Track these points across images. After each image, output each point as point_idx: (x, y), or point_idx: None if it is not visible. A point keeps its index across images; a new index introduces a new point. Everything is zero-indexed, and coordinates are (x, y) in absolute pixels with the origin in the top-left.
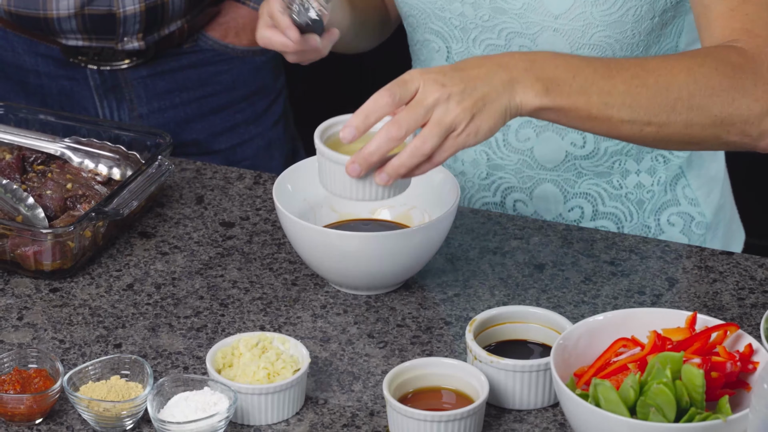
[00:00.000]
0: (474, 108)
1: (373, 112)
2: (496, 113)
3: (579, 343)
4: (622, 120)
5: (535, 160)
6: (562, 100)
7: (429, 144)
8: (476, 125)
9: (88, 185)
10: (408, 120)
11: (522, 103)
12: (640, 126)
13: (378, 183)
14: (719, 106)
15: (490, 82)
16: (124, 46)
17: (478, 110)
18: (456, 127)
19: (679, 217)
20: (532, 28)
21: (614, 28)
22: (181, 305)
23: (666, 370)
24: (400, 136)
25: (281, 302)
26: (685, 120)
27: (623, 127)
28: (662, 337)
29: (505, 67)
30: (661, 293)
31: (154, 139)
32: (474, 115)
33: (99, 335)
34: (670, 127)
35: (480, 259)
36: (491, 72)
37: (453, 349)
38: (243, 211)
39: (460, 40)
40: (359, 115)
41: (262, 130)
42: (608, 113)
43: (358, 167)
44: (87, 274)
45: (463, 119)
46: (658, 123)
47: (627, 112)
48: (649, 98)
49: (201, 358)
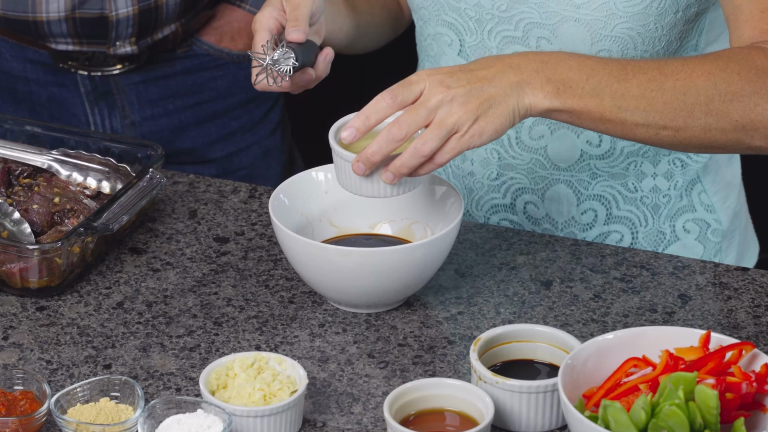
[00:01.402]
0: (478, 110)
1: (374, 114)
2: (502, 115)
3: (588, 363)
4: (636, 123)
5: (548, 160)
6: (574, 102)
7: (429, 145)
8: (480, 127)
9: (76, 199)
10: (409, 121)
11: (531, 105)
12: (655, 130)
13: (384, 181)
14: (740, 112)
15: (499, 83)
16: (117, 51)
17: (482, 112)
18: (459, 129)
19: (694, 223)
20: (552, 18)
21: (637, 20)
22: (173, 324)
23: (679, 391)
24: (401, 136)
25: (278, 321)
26: (703, 125)
27: (638, 130)
28: (675, 357)
29: (516, 68)
30: (673, 311)
31: (145, 151)
32: (478, 116)
33: (88, 355)
34: (687, 131)
35: (485, 275)
36: (500, 73)
37: (457, 370)
38: (238, 226)
39: (474, 33)
40: (360, 116)
41: (258, 138)
42: (621, 116)
43: (363, 166)
44: (75, 292)
45: (467, 121)
46: (674, 127)
47: (641, 115)
48: (665, 102)
49: (194, 379)
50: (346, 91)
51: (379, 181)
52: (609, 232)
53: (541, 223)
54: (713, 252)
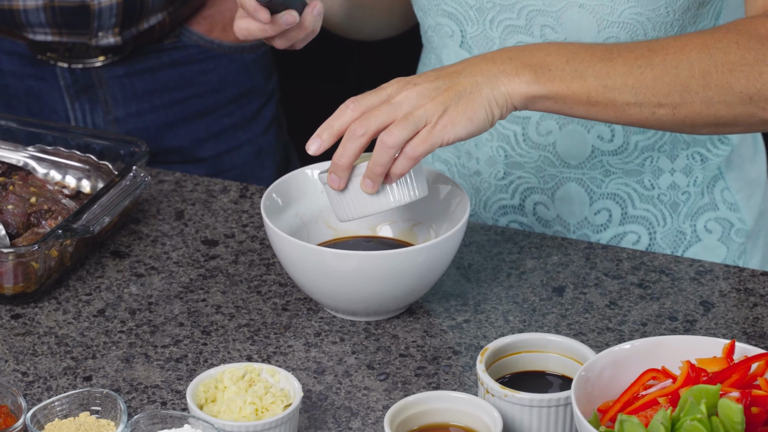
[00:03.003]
0: (447, 101)
1: (336, 119)
2: (474, 103)
3: (603, 374)
4: (628, 103)
5: (557, 157)
6: (554, 85)
7: (394, 135)
8: (451, 117)
9: (54, 199)
10: (371, 117)
11: (509, 93)
12: (650, 108)
13: (364, 190)
14: (743, 82)
15: (469, 74)
16: (99, 42)
17: (452, 102)
18: (428, 121)
19: (717, 223)
20: (557, 4)
21: (646, 5)
22: (158, 333)
23: (701, 404)
24: (361, 132)
25: (270, 329)
26: (704, 99)
27: (631, 111)
28: (696, 368)
29: (490, 60)
30: (695, 319)
31: (128, 148)
32: (447, 107)
33: (66, 367)
34: (686, 107)
35: (492, 280)
36: (473, 65)
37: (462, 382)
38: (228, 228)
39: (475, 22)
40: (324, 125)
41: (251, 136)
42: (610, 96)
43: (336, 177)
44: (53, 299)
45: (435, 112)
46: (670, 104)
47: (631, 94)
48: (654, 78)
49: (181, 392)
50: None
51: (370, 197)
52: (625, 233)
53: (552, 225)
54: (737, 254)
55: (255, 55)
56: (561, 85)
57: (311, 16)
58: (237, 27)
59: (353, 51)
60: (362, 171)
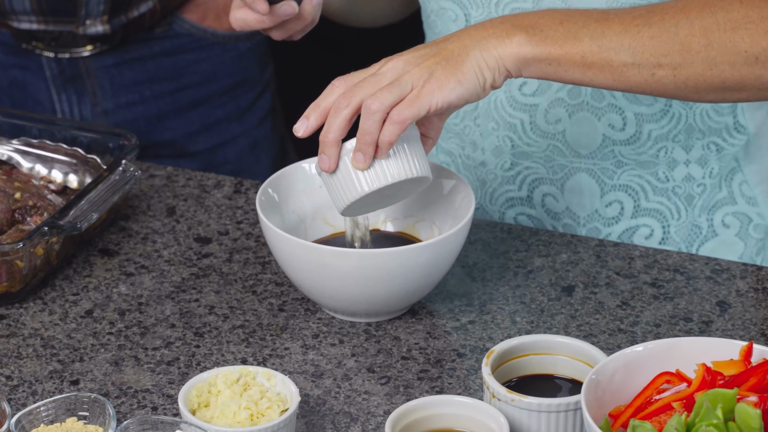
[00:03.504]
0: (433, 65)
1: (323, 99)
2: (462, 67)
3: (614, 378)
4: (625, 63)
5: (567, 146)
6: (547, 46)
7: (379, 100)
8: (438, 81)
9: (39, 195)
10: (356, 89)
11: (501, 56)
12: (649, 70)
13: (355, 166)
14: (748, 41)
15: (457, 39)
16: (86, 30)
17: (438, 66)
18: (414, 86)
19: (734, 217)
20: None
21: None
22: (149, 335)
23: (717, 410)
24: (344, 105)
25: (266, 331)
26: (706, 59)
27: (630, 72)
28: (712, 372)
29: (480, 26)
30: (711, 320)
31: (117, 141)
32: (434, 71)
33: (53, 370)
34: (687, 68)
35: (499, 279)
36: (462, 33)
37: (467, 386)
38: (221, 225)
39: (480, 6)
40: (311, 106)
41: (246, 128)
42: (606, 57)
43: (325, 158)
44: (39, 299)
45: (420, 77)
46: (670, 65)
47: (628, 54)
48: (652, 37)
49: (172, 396)
50: None
51: (364, 174)
52: (637, 226)
53: (562, 218)
54: (755, 250)
55: (250, 43)
56: (554, 46)
57: (310, 6)
58: (233, 17)
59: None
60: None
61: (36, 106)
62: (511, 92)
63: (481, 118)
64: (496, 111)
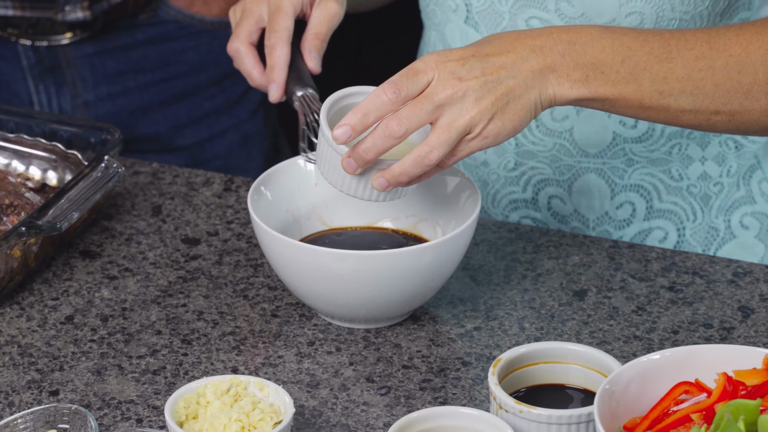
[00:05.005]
0: (494, 106)
1: (373, 110)
2: (522, 110)
3: (630, 388)
4: (683, 110)
5: (575, 145)
6: (606, 89)
7: (436, 153)
8: (497, 126)
9: (16, 193)
10: (411, 116)
11: (556, 95)
12: (706, 115)
13: (376, 187)
14: None
15: (519, 72)
16: (66, 17)
17: (499, 109)
18: (471, 130)
19: (754, 218)
20: None
21: None
22: (133, 342)
23: (739, 421)
24: (400, 133)
25: (258, 338)
26: (765, 107)
27: (684, 117)
28: (734, 381)
29: (539, 52)
30: (732, 326)
31: (99, 135)
32: (494, 114)
33: (31, 380)
34: (744, 115)
35: (506, 283)
36: (521, 59)
37: (473, 396)
38: (211, 225)
39: None
40: (357, 113)
41: (236, 121)
42: (664, 102)
43: (354, 163)
44: (16, 304)
45: (480, 120)
46: (728, 112)
47: (687, 100)
48: (716, 84)
49: (159, 408)
50: (341, 66)
51: (368, 183)
52: (650, 229)
53: (569, 221)
54: None
55: None
56: (613, 90)
57: None
58: (231, 47)
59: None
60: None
61: (12, 98)
62: None
63: None
64: None
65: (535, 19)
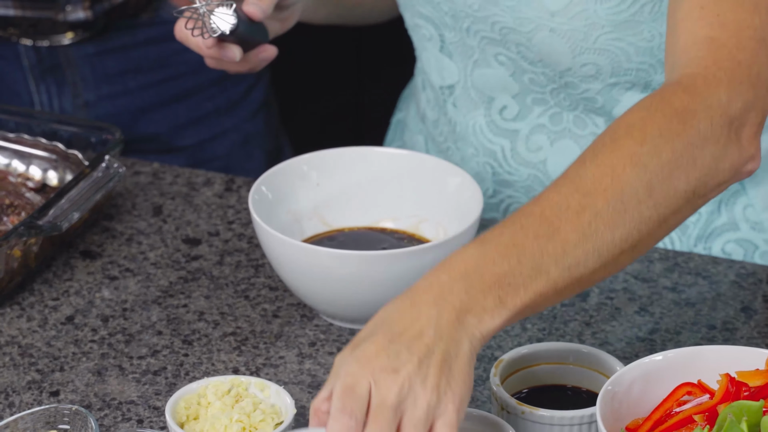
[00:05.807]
0: (441, 379)
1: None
2: (466, 365)
3: (632, 389)
4: (594, 270)
5: (548, 176)
6: (522, 297)
7: None
8: (454, 394)
9: (17, 193)
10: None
11: (483, 333)
12: (614, 263)
13: None
14: (684, 178)
15: (440, 332)
16: (67, 17)
17: (446, 378)
18: (436, 415)
19: (737, 245)
20: (526, 25)
21: (625, 30)
22: (134, 343)
23: (742, 423)
24: None
25: (259, 339)
26: (657, 218)
27: (596, 276)
28: (737, 382)
29: (443, 300)
30: (735, 327)
31: (100, 135)
32: (446, 386)
33: (31, 380)
34: (644, 241)
35: None
36: (431, 318)
37: (474, 397)
38: (212, 225)
39: (452, 29)
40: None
41: (237, 121)
42: (576, 274)
43: None
44: (16, 304)
45: (437, 399)
46: (630, 247)
47: (594, 258)
48: (610, 228)
49: (159, 408)
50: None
51: None
52: None
53: None
54: None
55: None
56: (528, 293)
57: (256, 59)
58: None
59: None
60: None
61: (13, 98)
62: (491, 116)
63: (461, 142)
64: (474, 136)
65: (502, 56)
